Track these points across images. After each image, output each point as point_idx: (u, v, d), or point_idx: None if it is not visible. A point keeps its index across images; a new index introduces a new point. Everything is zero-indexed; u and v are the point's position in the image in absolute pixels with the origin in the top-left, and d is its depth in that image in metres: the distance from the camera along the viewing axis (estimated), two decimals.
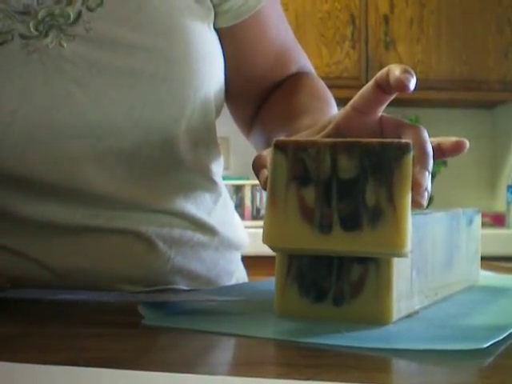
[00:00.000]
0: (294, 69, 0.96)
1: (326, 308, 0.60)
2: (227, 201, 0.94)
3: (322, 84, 0.95)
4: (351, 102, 0.67)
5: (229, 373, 0.49)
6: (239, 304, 0.67)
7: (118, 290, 0.81)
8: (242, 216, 3.07)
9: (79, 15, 0.76)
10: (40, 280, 0.80)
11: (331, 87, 0.98)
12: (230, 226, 0.92)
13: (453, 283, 0.74)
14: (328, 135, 0.67)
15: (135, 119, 0.78)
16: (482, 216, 0.84)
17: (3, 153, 0.76)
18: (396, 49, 3.13)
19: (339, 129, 0.67)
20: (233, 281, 0.93)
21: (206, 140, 0.87)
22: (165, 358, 0.50)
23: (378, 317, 0.59)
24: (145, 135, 0.79)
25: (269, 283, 0.69)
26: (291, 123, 0.82)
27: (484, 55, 3.16)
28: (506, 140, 3.44)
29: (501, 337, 0.54)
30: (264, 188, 0.61)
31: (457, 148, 0.65)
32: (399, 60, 3.08)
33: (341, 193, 0.58)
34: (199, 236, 0.86)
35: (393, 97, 0.65)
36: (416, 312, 0.64)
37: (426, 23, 3.16)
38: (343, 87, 2.70)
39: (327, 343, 0.53)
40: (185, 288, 0.86)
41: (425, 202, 0.58)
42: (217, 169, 0.90)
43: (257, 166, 0.64)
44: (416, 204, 0.57)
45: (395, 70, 0.62)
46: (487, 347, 0.51)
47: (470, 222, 0.78)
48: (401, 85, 0.62)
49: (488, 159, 3.52)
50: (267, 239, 0.59)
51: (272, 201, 0.59)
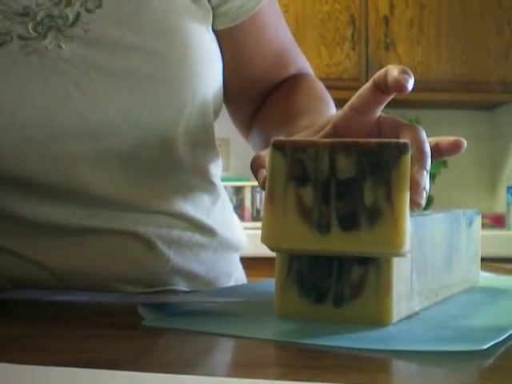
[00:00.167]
0: (293, 70, 0.96)
1: (326, 309, 0.60)
2: (226, 202, 0.94)
3: (321, 85, 0.95)
4: (349, 103, 0.67)
5: (228, 374, 0.49)
6: (239, 305, 0.67)
7: (118, 291, 0.81)
8: (242, 217, 3.07)
9: (78, 16, 0.76)
10: (40, 281, 0.80)
11: (331, 88, 0.98)
12: (229, 227, 0.92)
13: (453, 284, 0.74)
14: (326, 136, 0.67)
15: (134, 120, 0.78)
16: (482, 217, 0.84)
17: (2, 154, 0.76)
18: (396, 50, 3.13)
19: (337, 129, 0.67)
20: (231, 282, 0.93)
21: (205, 141, 0.87)
22: (164, 359, 0.50)
23: (378, 318, 0.59)
24: (143, 136, 0.79)
25: (269, 284, 0.69)
26: (289, 124, 0.82)
27: (484, 56, 3.16)
28: (506, 141, 3.44)
29: (501, 338, 0.54)
30: (262, 188, 0.61)
31: (455, 147, 0.64)
32: (399, 61, 3.08)
33: (339, 193, 0.58)
34: (198, 237, 0.86)
35: (391, 97, 0.65)
36: (416, 313, 0.64)
37: (426, 24, 3.16)
38: (343, 88, 2.69)
39: (327, 344, 0.53)
40: (184, 289, 0.86)
41: (423, 202, 0.58)
42: (215, 170, 0.90)
43: (255, 166, 0.64)
44: (414, 204, 0.57)
45: (393, 71, 0.62)
46: (487, 348, 0.51)
47: (470, 223, 0.78)
48: (399, 85, 0.62)
49: (488, 160, 3.52)
50: (266, 239, 0.59)
51: (270, 201, 0.59)
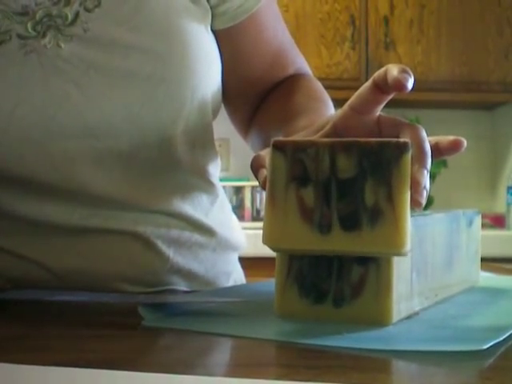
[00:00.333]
0: (292, 70, 0.96)
1: (326, 309, 0.60)
2: (224, 202, 0.94)
3: (319, 85, 0.95)
4: (349, 102, 0.67)
5: (228, 374, 0.49)
6: (239, 305, 0.67)
7: (118, 291, 0.81)
8: (242, 217, 3.07)
9: (77, 16, 0.76)
10: (39, 281, 0.80)
11: (331, 88, 0.97)
12: (228, 227, 0.92)
13: (453, 284, 0.74)
14: (326, 135, 0.67)
15: (133, 120, 0.78)
16: (482, 217, 0.84)
17: (0, 153, 0.76)
18: (396, 50, 3.13)
19: (337, 129, 0.67)
20: (230, 281, 0.93)
21: (203, 141, 0.87)
22: (164, 360, 0.50)
23: (378, 318, 0.59)
24: (142, 136, 0.79)
25: (268, 284, 0.69)
26: (288, 124, 0.82)
27: (484, 56, 3.16)
28: (506, 141, 3.44)
29: (501, 338, 0.54)
30: (263, 188, 0.61)
31: (454, 146, 0.64)
32: (399, 61, 3.08)
33: (340, 193, 0.58)
34: (197, 237, 0.86)
35: (390, 96, 0.65)
36: (416, 313, 0.64)
37: (426, 24, 3.16)
38: (343, 88, 2.69)
39: (327, 344, 0.53)
40: (184, 289, 0.86)
41: (423, 201, 0.58)
42: (214, 170, 0.90)
43: (255, 166, 0.64)
44: (415, 203, 0.57)
45: (393, 70, 0.62)
46: (487, 348, 0.51)
47: (470, 223, 0.78)
48: (399, 84, 0.61)
49: (488, 160, 3.52)
50: (267, 240, 0.59)
51: (271, 201, 0.59)
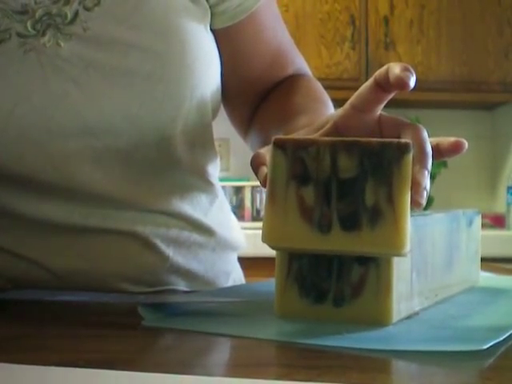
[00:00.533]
0: (291, 70, 0.96)
1: (326, 309, 0.60)
2: (223, 202, 0.94)
3: (319, 85, 0.95)
4: (350, 101, 0.66)
5: (228, 374, 0.49)
6: (239, 305, 0.67)
7: (118, 291, 0.81)
8: (242, 217, 3.07)
9: (76, 15, 0.76)
10: (39, 280, 0.80)
11: (331, 88, 0.97)
12: (227, 227, 0.92)
13: (453, 284, 0.74)
14: (326, 134, 0.67)
15: (132, 119, 0.78)
16: (482, 217, 0.84)
17: (0, 151, 0.76)
18: (396, 50, 3.13)
19: (337, 128, 0.67)
20: (230, 281, 0.93)
21: (203, 141, 0.87)
22: (164, 359, 0.50)
23: (378, 318, 0.59)
24: (141, 135, 0.79)
25: (268, 284, 0.69)
26: (288, 123, 0.82)
27: (484, 56, 3.16)
28: (506, 141, 3.44)
29: (501, 338, 0.54)
30: (263, 186, 0.61)
31: (455, 148, 0.64)
32: (399, 61, 3.06)
33: (340, 192, 0.58)
34: (196, 236, 0.86)
35: (392, 95, 0.64)
36: (416, 313, 0.64)
37: (426, 24, 3.16)
38: (343, 88, 2.69)
39: (327, 344, 0.53)
40: (184, 289, 0.86)
41: (424, 202, 0.58)
42: (213, 170, 0.90)
43: (255, 164, 0.64)
44: (415, 203, 0.57)
45: (395, 68, 0.62)
46: (487, 348, 0.51)
47: (470, 223, 0.78)
48: (401, 82, 0.61)
49: (488, 160, 3.52)
50: (266, 238, 0.59)
51: (271, 199, 0.59)
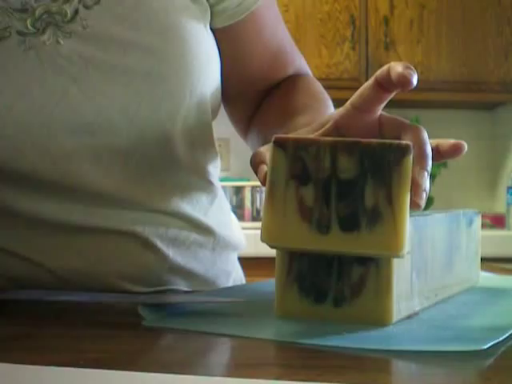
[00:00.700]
0: (291, 71, 0.96)
1: (326, 309, 0.60)
2: (223, 201, 0.93)
3: (319, 85, 0.95)
4: (350, 100, 0.66)
5: (228, 374, 0.49)
6: (239, 305, 0.67)
7: (119, 290, 0.81)
8: (242, 217, 3.07)
9: (76, 13, 0.76)
10: (40, 281, 0.80)
11: (331, 88, 0.97)
12: (226, 227, 0.92)
13: (453, 284, 0.74)
14: (327, 133, 0.67)
15: (131, 117, 0.78)
16: (482, 217, 0.84)
17: (0, 148, 0.76)
18: (396, 50, 3.13)
19: (338, 127, 0.67)
20: (230, 281, 0.93)
21: (203, 140, 0.87)
22: (164, 359, 0.50)
23: (378, 318, 0.59)
24: (141, 133, 0.79)
25: (269, 284, 0.69)
26: (288, 122, 0.82)
27: (484, 56, 3.16)
28: (506, 141, 3.44)
29: (501, 338, 0.54)
30: (263, 184, 0.61)
31: (455, 150, 0.64)
32: (399, 61, 3.08)
33: (340, 193, 0.58)
34: (195, 236, 0.86)
35: (392, 95, 0.64)
36: (416, 313, 0.64)
37: (426, 24, 3.16)
38: (343, 88, 2.69)
39: (327, 344, 0.53)
40: (184, 289, 0.86)
41: (423, 203, 0.58)
42: (214, 169, 0.90)
43: (255, 162, 0.64)
44: (414, 205, 0.57)
45: (397, 67, 0.62)
46: (487, 348, 0.51)
47: (470, 223, 0.78)
48: (403, 81, 0.61)
49: (488, 160, 3.52)
50: (265, 237, 0.59)
51: (271, 198, 0.59)
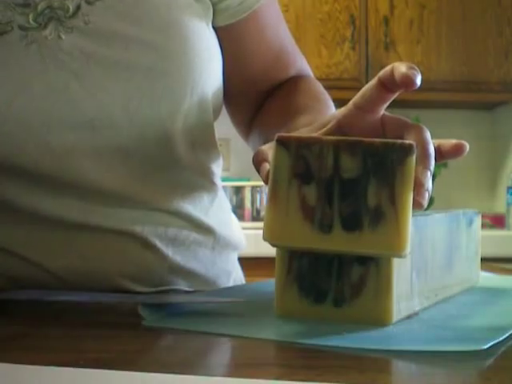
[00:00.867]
0: (293, 71, 0.96)
1: (326, 309, 0.60)
2: (223, 201, 0.93)
3: (320, 87, 0.95)
4: (353, 100, 0.66)
5: (228, 374, 0.49)
6: (239, 305, 0.67)
7: (120, 288, 0.81)
8: (242, 217, 3.07)
9: (78, 8, 0.76)
10: (39, 280, 0.80)
11: (331, 88, 0.97)
12: (226, 226, 0.92)
13: (453, 284, 0.74)
14: (329, 133, 0.67)
15: (131, 112, 0.78)
16: (482, 217, 0.84)
17: (1, 142, 0.76)
18: (396, 50, 3.13)
19: (340, 126, 0.67)
20: (231, 281, 0.93)
21: (205, 140, 0.87)
22: (164, 359, 0.50)
23: (378, 318, 0.59)
24: (141, 130, 0.79)
25: (269, 284, 0.69)
26: (289, 122, 0.82)
27: (484, 56, 3.16)
28: (506, 141, 3.44)
29: (501, 338, 0.54)
30: (265, 182, 0.61)
31: (457, 151, 0.64)
32: (399, 61, 3.07)
33: (342, 192, 0.57)
34: (195, 235, 0.86)
35: (395, 95, 0.65)
36: (416, 313, 0.64)
37: (426, 24, 3.16)
38: (343, 88, 2.69)
39: (327, 344, 0.53)
40: (185, 289, 0.86)
41: (425, 203, 0.58)
42: (215, 169, 0.90)
43: (257, 160, 0.64)
44: (416, 204, 0.57)
45: (401, 67, 0.62)
46: (487, 348, 0.51)
47: (470, 223, 0.78)
48: (407, 81, 0.61)
49: (488, 160, 3.52)
50: (267, 235, 0.59)
51: (273, 197, 0.59)
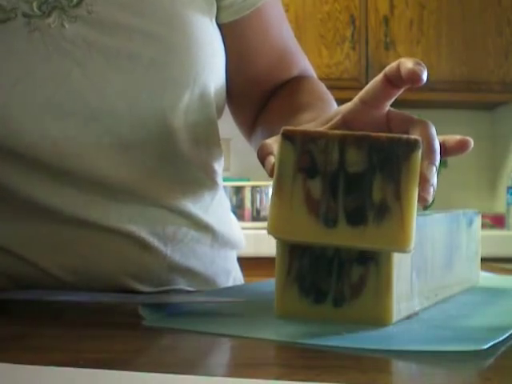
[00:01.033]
0: (296, 72, 0.96)
1: (326, 309, 0.60)
2: (223, 198, 0.93)
3: (323, 86, 0.95)
4: (359, 95, 0.66)
5: (228, 374, 0.49)
6: (239, 305, 0.67)
7: (122, 287, 0.81)
8: (242, 217, 3.06)
9: None
10: (39, 280, 0.80)
11: (331, 88, 0.97)
12: (226, 224, 0.92)
13: (453, 284, 0.74)
14: (335, 127, 0.67)
15: (132, 103, 0.78)
16: (482, 217, 0.84)
17: (3, 128, 0.76)
18: (396, 50, 3.13)
19: (346, 121, 0.67)
20: (230, 280, 0.93)
21: (207, 138, 0.87)
22: (164, 359, 0.50)
23: (378, 318, 0.59)
24: (142, 121, 0.79)
25: (268, 284, 0.69)
26: (291, 119, 0.82)
27: (484, 56, 3.16)
28: (506, 141, 3.44)
29: (501, 338, 0.54)
30: (270, 176, 0.61)
31: (461, 146, 0.64)
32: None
33: (347, 187, 0.57)
34: (194, 233, 0.86)
35: (401, 91, 0.65)
36: (416, 313, 0.64)
37: (426, 24, 3.16)
38: (343, 88, 2.69)
39: (327, 344, 0.53)
40: (185, 288, 0.86)
41: (430, 198, 0.58)
42: (217, 168, 0.90)
43: (262, 154, 0.64)
44: (421, 200, 0.57)
45: (407, 63, 0.62)
46: (487, 348, 0.51)
47: (470, 223, 0.78)
48: (413, 77, 0.61)
49: (488, 160, 3.52)
50: (272, 229, 0.59)
51: (278, 191, 0.59)
